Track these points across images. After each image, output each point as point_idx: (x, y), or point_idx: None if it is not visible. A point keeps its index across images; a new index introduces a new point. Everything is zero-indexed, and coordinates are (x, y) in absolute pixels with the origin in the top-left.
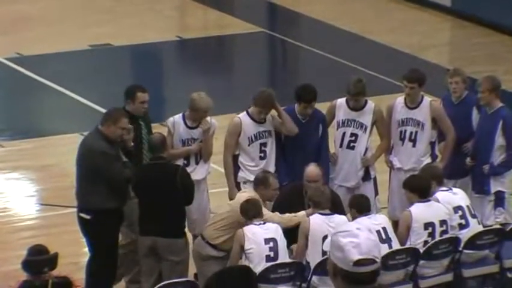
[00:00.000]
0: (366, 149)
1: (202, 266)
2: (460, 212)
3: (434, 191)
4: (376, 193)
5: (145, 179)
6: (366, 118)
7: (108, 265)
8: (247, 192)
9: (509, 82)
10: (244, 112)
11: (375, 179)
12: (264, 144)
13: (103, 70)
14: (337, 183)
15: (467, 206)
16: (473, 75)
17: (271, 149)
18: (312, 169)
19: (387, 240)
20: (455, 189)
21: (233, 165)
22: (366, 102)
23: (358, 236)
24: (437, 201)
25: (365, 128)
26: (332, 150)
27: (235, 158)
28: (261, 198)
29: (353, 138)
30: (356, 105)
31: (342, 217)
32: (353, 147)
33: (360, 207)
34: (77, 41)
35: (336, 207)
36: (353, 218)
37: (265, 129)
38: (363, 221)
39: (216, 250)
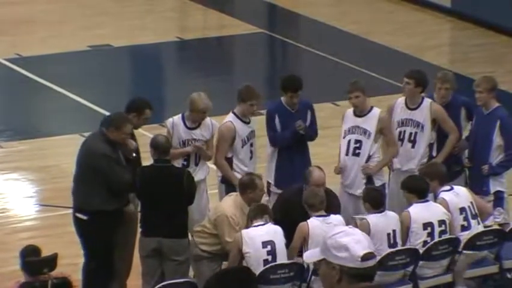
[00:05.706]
0: (370, 156)
1: (195, 266)
2: (464, 214)
3: (438, 192)
4: None
5: (151, 182)
6: (370, 124)
7: (104, 266)
8: (233, 196)
9: (509, 83)
10: (231, 115)
11: (383, 187)
12: (251, 144)
13: (103, 71)
14: (344, 189)
15: (469, 206)
16: (472, 76)
17: (255, 149)
18: (318, 174)
19: None
20: (456, 188)
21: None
22: (371, 108)
23: (355, 233)
24: (446, 203)
25: (369, 134)
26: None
27: (229, 160)
28: (247, 202)
29: (358, 145)
30: (357, 110)
31: (337, 217)
32: (358, 154)
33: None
34: (76, 41)
35: (332, 209)
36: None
37: (252, 129)
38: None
39: (205, 252)
